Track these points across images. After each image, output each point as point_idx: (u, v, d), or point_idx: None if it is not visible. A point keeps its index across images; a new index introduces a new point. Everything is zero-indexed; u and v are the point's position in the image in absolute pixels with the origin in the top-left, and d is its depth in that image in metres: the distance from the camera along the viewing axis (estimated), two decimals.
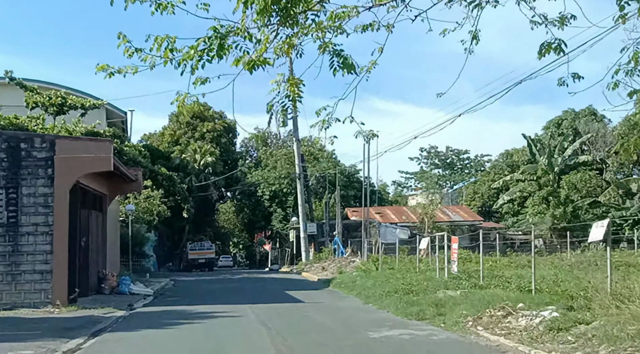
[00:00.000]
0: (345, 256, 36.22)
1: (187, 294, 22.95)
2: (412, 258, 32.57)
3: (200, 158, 52.46)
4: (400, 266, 26.31)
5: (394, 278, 20.49)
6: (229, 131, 58.57)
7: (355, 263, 32.51)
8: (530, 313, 12.06)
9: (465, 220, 48.38)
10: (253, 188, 54.20)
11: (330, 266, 34.22)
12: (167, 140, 55.38)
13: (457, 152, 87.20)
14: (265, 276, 34.83)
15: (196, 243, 53.13)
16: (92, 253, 20.64)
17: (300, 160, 43.83)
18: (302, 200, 43.54)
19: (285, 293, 21.58)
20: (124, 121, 47.67)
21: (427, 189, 58.51)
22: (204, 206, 56.07)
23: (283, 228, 50.42)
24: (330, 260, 36.30)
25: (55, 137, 17.04)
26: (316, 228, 44.35)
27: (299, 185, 43.63)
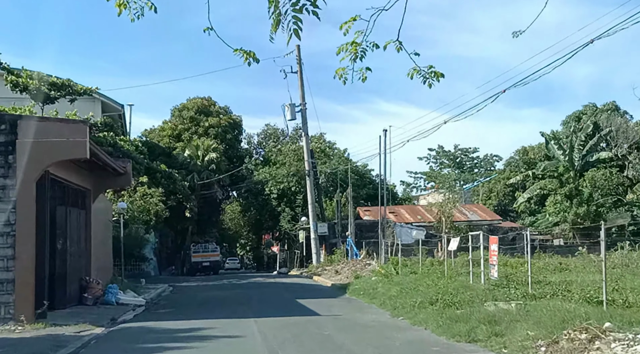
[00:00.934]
0: (359, 259, 33.30)
1: (184, 303, 20.11)
2: (433, 260, 29.68)
3: (204, 155, 49.59)
4: (423, 269, 23.37)
5: (423, 284, 17.54)
6: (234, 127, 55.72)
7: (371, 266, 29.59)
8: (625, 336, 9.13)
9: (483, 220, 45.34)
10: (260, 187, 51.32)
11: (344, 269, 31.31)
12: (167, 135, 52.55)
13: (466, 151, 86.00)
14: (273, 281, 31.96)
15: (200, 245, 50.31)
16: (71, 257, 17.82)
17: (309, 155, 40.94)
18: (312, 198, 40.65)
19: (297, 303, 18.68)
20: (122, 115, 44.94)
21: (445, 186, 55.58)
22: (208, 206, 53.27)
23: (292, 229, 47.55)
24: (343, 263, 33.38)
25: (18, 117, 14.16)
26: (327, 229, 41.44)
27: (309, 182, 40.75)
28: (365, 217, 45.39)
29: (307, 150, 40.90)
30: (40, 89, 27.58)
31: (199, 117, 53.89)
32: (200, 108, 54.43)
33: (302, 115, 40.57)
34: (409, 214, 45.49)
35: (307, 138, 40.93)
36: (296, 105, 40.39)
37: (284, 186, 49.54)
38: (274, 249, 63.98)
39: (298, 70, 40.54)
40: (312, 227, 40.51)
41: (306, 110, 40.65)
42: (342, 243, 40.39)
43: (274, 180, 50.11)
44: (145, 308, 19.05)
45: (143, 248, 44.03)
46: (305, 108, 40.59)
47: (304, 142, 41.06)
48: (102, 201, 24.66)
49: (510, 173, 52.97)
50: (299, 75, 40.54)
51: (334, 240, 41.97)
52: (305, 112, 40.63)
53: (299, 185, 49.25)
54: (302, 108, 40.55)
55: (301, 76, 40.57)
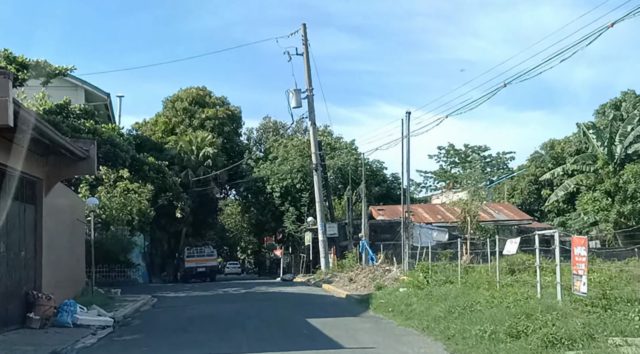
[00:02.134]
0: (376, 264, 29.03)
1: (162, 325, 15.85)
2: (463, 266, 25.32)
3: (199, 149, 45.37)
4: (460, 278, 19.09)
5: (477, 300, 13.22)
6: (232, 120, 51.50)
7: (392, 272, 25.33)
8: None
9: (511, 219, 41.06)
10: (261, 184, 47.04)
11: (359, 277, 27.04)
12: (160, 129, 48.38)
13: (477, 149, 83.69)
14: (277, 290, 27.71)
15: (195, 248, 46.06)
16: (10, 266, 13.61)
17: (317, 147, 36.70)
18: (320, 195, 36.42)
19: (309, 325, 14.43)
20: (108, 105, 40.87)
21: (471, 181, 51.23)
22: (204, 206, 49.05)
23: (297, 230, 43.27)
24: (357, 269, 29.12)
25: None
26: (337, 230, 37.17)
27: (316, 177, 36.51)
28: (379, 217, 41.18)
29: (314, 141, 36.65)
30: (6, 69, 23.38)
31: (194, 108, 49.78)
32: (194, 99, 50.30)
33: (309, 102, 36.39)
34: (428, 213, 41.22)
35: (314, 128, 36.69)
36: (302, 90, 36.18)
37: (288, 184, 45.30)
38: (277, 253, 59.72)
39: (304, 52, 36.36)
40: (320, 228, 36.28)
41: (313, 96, 36.47)
42: (355, 246, 36.17)
43: (276, 177, 45.82)
44: (111, 330, 14.84)
45: (129, 253, 39.89)
46: (312, 95, 36.39)
47: (310, 131, 36.81)
48: (67, 196, 20.45)
49: (535, 169, 48.63)
50: (304, 57, 36.35)
51: (344, 243, 37.72)
52: (312, 98, 36.45)
53: (304, 182, 45.02)
54: (309, 94, 36.34)
55: (307, 58, 36.40)
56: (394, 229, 37.61)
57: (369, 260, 31.52)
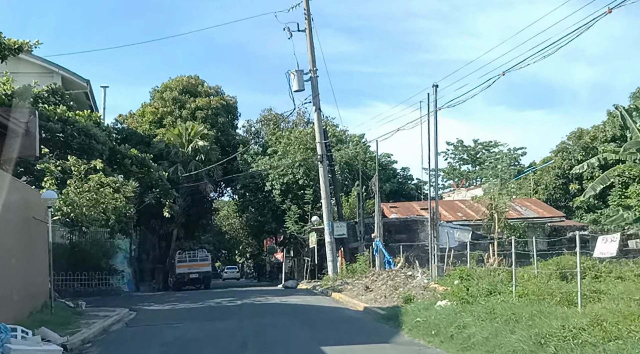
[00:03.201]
0: (395, 269, 25.12)
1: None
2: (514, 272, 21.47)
3: (189, 142, 41.46)
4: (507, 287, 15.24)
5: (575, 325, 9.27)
6: (228, 110, 47.57)
7: (417, 279, 21.44)
8: None
9: (541, 217, 37.18)
10: (259, 180, 43.09)
11: (376, 284, 23.18)
12: (147, 121, 44.46)
13: (486, 145, 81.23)
14: (279, 301, 23.84)
15: (186, 252, 42.21)
16: None
17: (322, 136, 32.80)
18: (326, 191, 32.54)
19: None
20: (88, 94, 37.06)
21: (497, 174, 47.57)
22: (197, 205, 45.13)
23: (300, 231, 39.32)
24: (373, 275, 25.24)
25: None
26: (346, 230, 33.26)
27: (322, 170, 32.63)
28: (392, 215, 37.34)
29: (319, 128, 32.77)
30: None
31: (184, 97, 45.86)
32: (185, 88, 46.39)
33: (312, 85, 32.52)
34: (448, 211, 37.31)
35: (318, 114, 32.80)
36: (304, 71, 32.32)
37: (289, 180, 41.35)
38: (278, 256, 55.73)
39: (306, 28, 32.51)
40: (327, 228, 32.42)
41: (317, 78, 32.62)
42: (366, 248, 32.31)
43: (276, 173, 41.88)
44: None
45: (112, 258, 36.06)
46: (316, 76, 32.55)
47: (314, 118, 32.91)
48: (16, 188, 16.55)
49: (562, 162, 44.68)
50: (307, 34, 32.50)
51: (354, 244, 33.85)
52: (317, 80, 32.62)
53: (307, 178, 41.11)
54: (312, 75, 32.48)
55: (310, 35, 32.59)
56: (410, 228, 33.81)
57: (385, 264, 27.64)
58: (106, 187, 23.82)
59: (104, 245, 35.35)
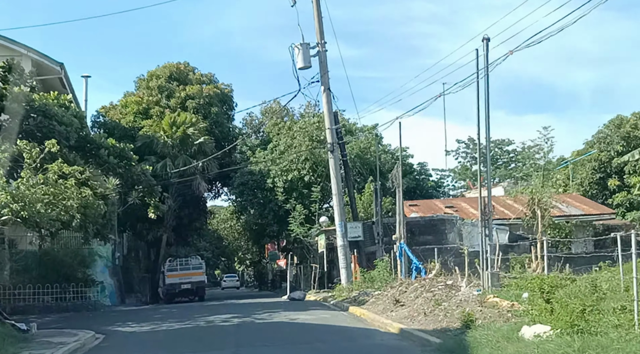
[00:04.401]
0: (429, 277, 20.58)
1: None
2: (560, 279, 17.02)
3: (179, 134, 37.03)
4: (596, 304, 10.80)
5: None
6: (223, 100, 43.14)
7: (464, 291, 16.92)
8: None
9: (587, 214, 32.69)
10: (259, 177, 38.61)
11: (407, 296, 18.72)
12: (132, 111, 40.06)
13: (499, 143, 78.16)
14: (286, 319, 19.41)
15: (177, 260, 37.75)
16: None
17: (333, 121, 28.39)
18: (338, 186, 28.12)
19: None
20: (64, 80, 32.66)
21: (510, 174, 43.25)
22: (189, 205, 40.70)
23: (306, 234, 34.81)
24: (401, 284, 20.73)
25: None
26: (362, 231, 28.81)
27: (333, 162, 28.22)
28: (412, 214, 32.93)
29: (328, 112, 28.34)
30: None
31: (172, 85, 41.47)
32: (174, 75, 42.04)
33: (320, 61, 28.15)
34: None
35: (328, 95, 28.36)
36: (310, 45, 27.92)
37: (293, 177, 36.88)
38: (280, 263, 51.34)
39: None
40: (339, 229, 27.96)
41: (326, 52, 28.21)
42: (385, 252, 27.92)
43: (278, 168, 37.43)
44: None
45: (90, 267, 31.68)
46: (324, 50, 28.18)
47: (323, 100, 28.45)
48: None
49: (601, 154, 40.21)
50: (314, 1, 28.09)
51: (371, 248, 29.46)
52: (325, 55, 28.23)
53: (313, 174, 36.69)
54: (320, 49, 28.11)
55: (318, 2, 28.13)
56: (436, 229, 29.41)
57: (412, 271, 23.15)
58: (69, 179, 19.36)
59: (79, 252, 31.00)
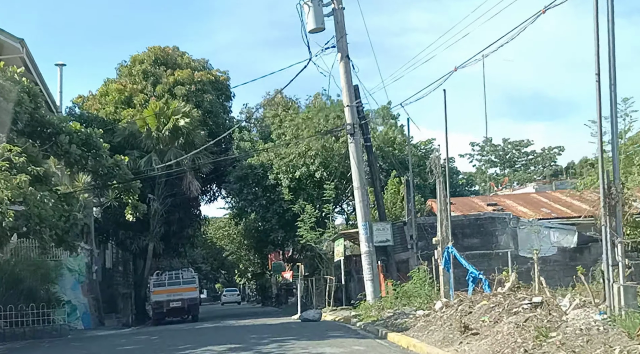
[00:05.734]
0: (500, 292, 14.97)
1: None
2: None
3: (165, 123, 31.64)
4: None
5: None
6: (218, 88, 37.74)
7: (574, 314, 11.37)
8: None
9: None
10: (261, 172, 33.06)
11: (479, 321, 13.15)
12: (112, 100, 34.67)
13: (517, 145, 74.56)
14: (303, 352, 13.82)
15: (166, 273, 32.24)
16: None
17: (352, 96, 22.92)
18: (360, 177, 22.70)
19: None
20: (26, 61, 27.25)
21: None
22: (180, 209, 35.20)
23: (317, 240, 29.23)
24: (462, 303, 15.18)
25: None
26: (392, 234, 23.25)
27: (354, 147, 22.81)
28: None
29: (347, 85, 22.90)
30: None
31: (158, 70, 36.13)
32: (160, 59, 36.74)
33: (336, 21, 22.77)
34: (526, 207, 27.40)
35: (346, 64, 22.90)
36: (323, 2, 22.49)
37: (301, 173, 31.39)
38: (286, 275, 45.76)
39: None
40: (364, 232, 22.45)
41: (343, 10, 22.78)
42: (422, 259, 22.38)
43: (283, 163, 31.94)
44: None
45: (56, 283, 26.26)
46: (341, 7, 22.75)
47: (340, 70, 22.95)
48: None
49: None
50: None
51: (403, 255, 23.98)
52: (342, 14, 22.81)
53: (325, 169, 31.23)
54: (336, 7, 22.73)
55: None
56: (484, 230, 23.92)
57: (469, 283, 17.59)
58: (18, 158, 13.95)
59: (43, 265, 25.53)
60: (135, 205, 24.25)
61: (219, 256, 74.34)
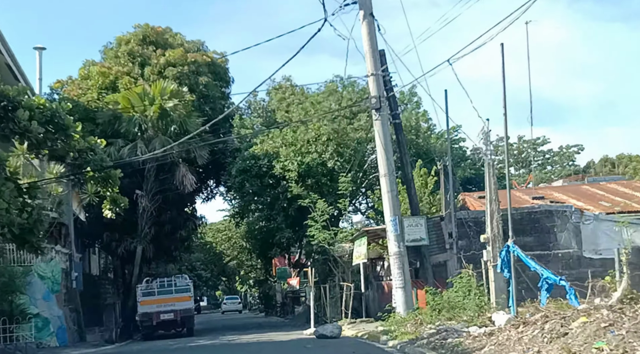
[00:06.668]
0: (605, 305, 10.88)
1: None
2: None
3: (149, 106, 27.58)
4: None
5: None
6: (214, 72, 33.67)
7: None
8: None
9: None
10: (266, 163, 28.95)
11: (587, 349, 9.01)
12: (95, 84, 30.65)
13: (533, 143, 70.79)
14: None
15: (156, 280, 28.17)
16: None
17: (378, 62, 18.84)
18: (388, 162, 18.60)
19: None
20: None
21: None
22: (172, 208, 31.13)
23: (331, 241, 25.06)
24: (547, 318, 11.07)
25: None
26: (426, 231, 19.12)
27: (380, 126, 18.70)
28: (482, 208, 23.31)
29: (371, 50, 18.82)
30: None
31: (147, 50, 32.11)
32: (149, 38, 32.73)
33: None
34: (580, 200, 23.35)
35: (370, 25, 18.80)
36: None
37: (312, 160, 27.30)
38: (292, 282, 41.69)
39: None
40: (392, 229, 18.35)
41: None
42: (464, 262, 18.30)
43: (291, 151, 27.85)
44: None
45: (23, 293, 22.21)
46: None
47: (363, 31, 18.85)
48: None
49: None
50: None
51: (439, 256, 19.86)
52: None
53: (339, 158, 27.15)
54: None
55: None
56: (539, 226, 19.86)
57: (542, 292, 13.50)
58: None
59: (4, 271, 21.48)
60: (115, 198, 20.14)
61: (219, 262, 70.48)
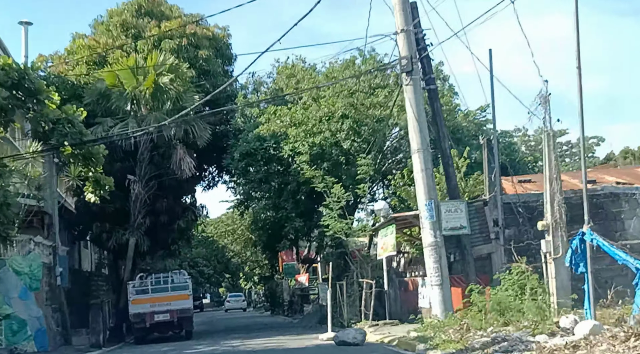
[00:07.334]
0: None
1: None
2: None
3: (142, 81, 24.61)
4: None
5: None
6: (215, 47, 30.66)
7: None
8: None
9: None
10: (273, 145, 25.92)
11: None
12: (83, 59, 27.68)
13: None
14: None
15: (151, 277, 25.24)
16: None
17: (409, 16, 15.83)
18: (422, 135, 15.56)
19: None
20: None
21: None
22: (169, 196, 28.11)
23: (348, 232, 22.03)
24: None
25: None
26: (467, 218, 16.10)
27: (411, 93, 15.70)
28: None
29: (400, 1, 15.73)
30: None
31: (142, 21, 29.17)
32: (143, 8, 29.81)
33: None
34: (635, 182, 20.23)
35: None
36: None
37: (323, 140, 24.26)
38: (301, 279, 38.73)
39: None
40: (427, 216, 15.43)
41: None
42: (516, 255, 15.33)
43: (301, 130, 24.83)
44: None
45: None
46: None
47: None
48: None
49: None
50: None
51: (483, 247, 16.82)
52: None
53: (357, 137, 24.14)
54: None
55: None
56: (603, 211, 16.93)
57: (638, 292, 10.52)
58: None
59: None
60: (98, 179, 17.16)
61: (222, 258, 67.70)
